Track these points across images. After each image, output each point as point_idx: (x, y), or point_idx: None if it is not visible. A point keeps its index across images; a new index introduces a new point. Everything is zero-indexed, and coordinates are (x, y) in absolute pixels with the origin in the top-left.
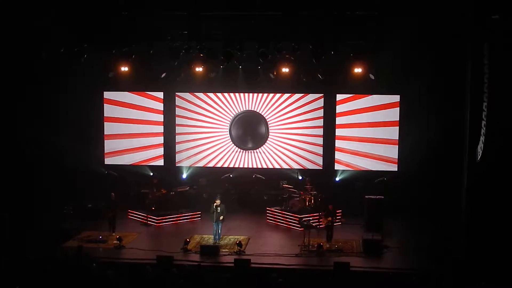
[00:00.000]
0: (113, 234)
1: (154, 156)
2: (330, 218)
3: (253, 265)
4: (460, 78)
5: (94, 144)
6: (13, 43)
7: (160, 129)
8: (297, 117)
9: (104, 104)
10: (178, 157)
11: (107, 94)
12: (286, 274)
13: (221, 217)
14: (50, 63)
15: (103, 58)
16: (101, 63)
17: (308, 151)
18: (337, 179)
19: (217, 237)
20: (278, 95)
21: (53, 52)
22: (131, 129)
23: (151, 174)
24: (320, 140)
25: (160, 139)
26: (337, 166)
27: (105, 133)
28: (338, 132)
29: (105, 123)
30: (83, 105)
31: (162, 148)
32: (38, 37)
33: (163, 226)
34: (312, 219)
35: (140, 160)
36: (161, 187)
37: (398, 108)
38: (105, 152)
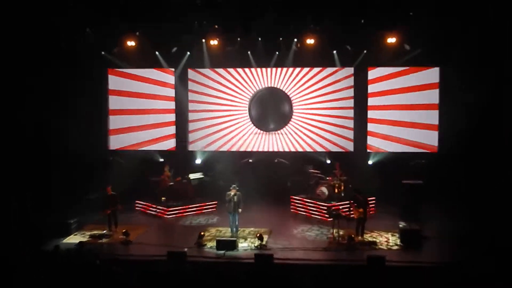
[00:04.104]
0: (116, 228)
1: (164, 135)
2: (362, 210)
3: (276, 261)
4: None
5: (97, 123)
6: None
7: (172, 105)
8: (324, 95)
9: (109, 76)
10: (191, 136)
11: (111, 71)
12: (313, 270)
13: (239, 209)
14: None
15: (106, 33)
16: (104, 38)
17: (336, 135)
18: (370, 162)
19: (234, 229)
20: (303, 70)
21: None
22: (138, 104)
23: (161, 160)
24: (350, 123)
25: (172, 117)
26: (369, 150)
27: (109, 108)
28: (371, 114)
29: (109, 96)
30: (85, 83)
31: (174, 127)
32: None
33: (175, 218)
34: (342, 208)
35: (149, 139)
36: (173, 175)
37: (438, 89)
38: (110, 129)
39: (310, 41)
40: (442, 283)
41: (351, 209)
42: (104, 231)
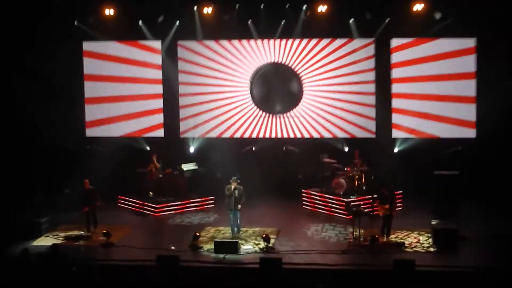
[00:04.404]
0: (95, 229)
1: (151, 125)
2: (387, 206)
3: (285, 266)
4: None
5: (71, 111)
6: None
7: (159, 89)
8: (340, 71)
9: (84, 58)
10: (182, 125)
11: (87, 45)
12: (329, 277)
13: (240, 206)
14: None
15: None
16: (77, 6)
17: (356, 114)
18: (395, 150)
19: (235, 229)
20: (313, 41)
21: None
22: (119, 90)
23: (148, 148)
24: (371, 99)
25: (159, 103)
26: (395, 133)
27: (85, 96)
28: (395, 88)
29: (85, 82)
30: (55, 61)
31: (162, 115)
32: None
33: (165, 216)
34: (364, 204)
35: (133, 131)
36: (162, 166)
37: (475, 54)
38: (87, 121)
39: (322, 8)
40: None
41: (375, 205)
42: (81, 232)
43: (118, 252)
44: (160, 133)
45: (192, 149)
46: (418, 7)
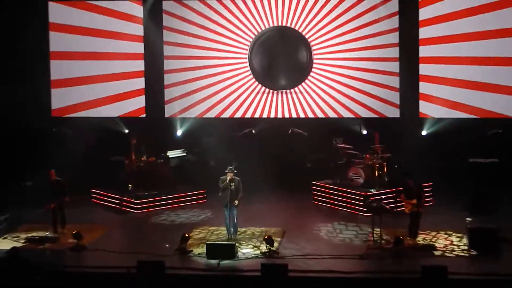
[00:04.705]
0: (64, 229)
1: (130, 104)
2: (414, 201)
3: (291, 274)
4: None
5: (35, 92)
6: None
7: (140, 66)
8: (356, 31)
9: (50, 32)
10: (168, 109)
11: (53, 9)
12: (344, 286)
13: (237, 201)
14: None
15: None
16: None
17: (376, 96)
18: (424, 132)
19: (232, 229)
20: (327, 3)
21: None
22: (92, 69)
23: (127, 131)
24: (394, 67)
25: (140, 82)
26: (423, 111)
27: (51, 78)
28: (424, 51)
29: (51, 61)
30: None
31: (143, 97)
32: None
33: (147, 214)
34: (386, 199)
35: (106, 101)
36: (143, 152)
37: None
38: (53, 108)
39: None
40: None
41: (399, 199)
42: (47, 233)
43: (91, 257)
44: (140, 105)
45: (179, 133)
46: None
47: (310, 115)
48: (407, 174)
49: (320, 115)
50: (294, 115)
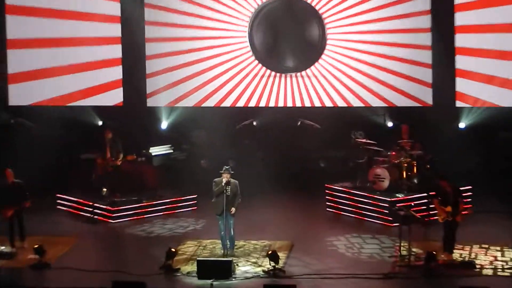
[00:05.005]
0: (23, 243)
1: (104, 89)
2: (449, 208)
3: None
4: None
5: None
6: None
7: (116, 51)
8: (380, 10)
9: (7, 16)
10: (150, 88)
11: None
12: None
13: (234, 208)
14: None
15: None
16: None
17: (404, 74)
18: (462, 125)
19: (228, 243)
20: None
21: None
22: (58, 58)
23: (100, 123)
24: (426, 54)
25: (117, 72)
26: (460, 100)
27: (9, 71)
28: (460, 40)
29: (8, 51)
30: None
31: (121, 90)
32: None
33: (126, 223)
34: (415, 206)
35: (78, 98)
36: (121, 149)
37: None
38: (10, 104)
39: None
40: None
41: (432, 206)
42: (3, 247)
43: (56, 277)
44: (117, 99)
45: (164, 125)
46: None
47: (324, 104)
48: (442, 176)
49: (336, 103)
50: (304, 104)
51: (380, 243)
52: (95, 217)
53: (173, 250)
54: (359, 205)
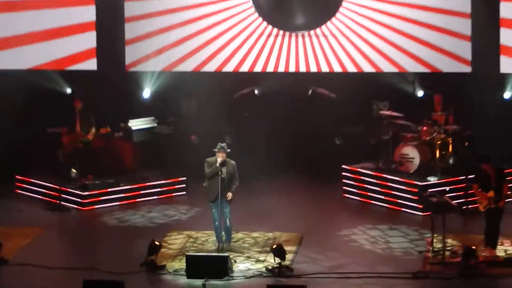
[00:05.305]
0: None
1: (75, 49)
2: (492, 193)
3: None
4: None
5: None
6: None
7: (89, 14)
8: None
9: None
10: (130, 50)
11: None
12: None
13: (229, 194)
14: None
15: None
16: None
17: (436, 31)
18: (507, 95)
19: (224, 235)
20: None
21: None
22: (19, 24)
23: (69, 90)
24: (464, 4)
25: (90, 39)
26: (505, 66)
27: None
28: None
29: None
30: None
31: (95, 61)
32: None
33: (99, 211)
34: (451, 191)
35: (43, 60)
36: (93, 122)
37: None
38: None
39: None
40: None
41: (471, 192)
42: None
43: (14, 275)
44: (90, 64)
45: (147, 93)
46: None
47: (339, 69)
48: (482, 156)
49: (354, 69)
50: (320, 69)
51: (408, 236)
52: (62, 203)
53: (157, 243)
54: (382, 190)
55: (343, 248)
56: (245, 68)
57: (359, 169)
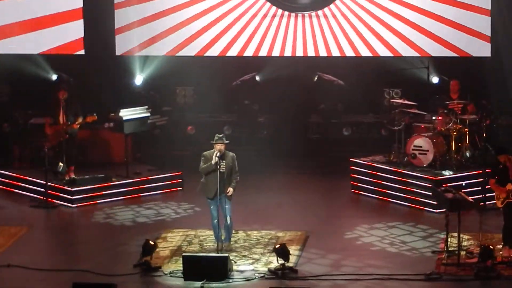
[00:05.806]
0: None
1: (61, 33)
2: (510, 186)
3: None
4: None
5: None
6: None
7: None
8: None
9: None
10: (121, 36)
11: None
12: None
13: (230, 189)
14: None
15: None
16: None
17: (450, 23)
18: None
19: (224, 234)
20: None
21: None
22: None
23: (54, 77)
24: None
25: (77, 26)
26: None
27: None
28: None
29: None
30: None
31: (83, 51)
32: None
33: (89, 208)
34: (468, 186)
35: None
36: (79, 111)
37: None
38: None
39: None
40: None
41: (489, 187)
42: None
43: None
44: (77, 48)
45: (139, 80)
46: None
47: (348, 53)
48: (500, 147)
49: (364, 53)
50: (326, 53)
51: (421, 234)
52: (48, 199)
53: (151, 243)
54: (393, 185)
55: (351, 248)
56: (249, 52)
57: (368, 163)
